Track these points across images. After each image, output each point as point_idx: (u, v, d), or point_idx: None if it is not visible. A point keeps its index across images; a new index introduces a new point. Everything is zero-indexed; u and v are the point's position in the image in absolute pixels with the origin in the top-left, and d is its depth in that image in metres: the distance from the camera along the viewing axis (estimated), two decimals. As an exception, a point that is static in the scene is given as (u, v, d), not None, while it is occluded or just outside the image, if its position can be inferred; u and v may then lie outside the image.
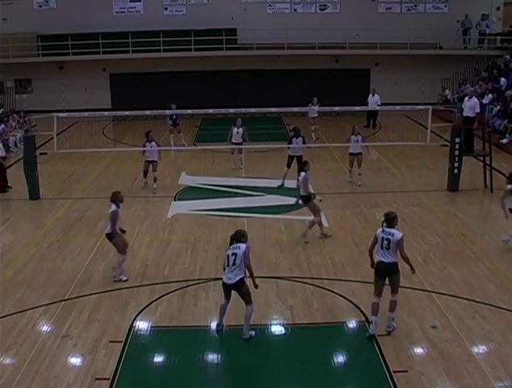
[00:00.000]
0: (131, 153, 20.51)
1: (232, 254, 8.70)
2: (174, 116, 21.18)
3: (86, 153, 19.93)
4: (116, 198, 10.68)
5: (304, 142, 16.86)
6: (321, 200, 14.09)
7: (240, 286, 8.75)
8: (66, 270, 11.46)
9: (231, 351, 8.90)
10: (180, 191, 16.66)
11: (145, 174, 16.72)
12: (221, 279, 9.03)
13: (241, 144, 18.46)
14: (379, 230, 8.91)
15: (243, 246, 8.75)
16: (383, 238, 8.81)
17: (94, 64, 29.27)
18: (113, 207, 10.58)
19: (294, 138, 16.73)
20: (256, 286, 8.88)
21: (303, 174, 12.77)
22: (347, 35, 28.17)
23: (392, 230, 8.83)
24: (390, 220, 8.91)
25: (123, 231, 11.20)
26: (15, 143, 22.16)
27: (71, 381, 7.94)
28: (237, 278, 8.68)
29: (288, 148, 16.84)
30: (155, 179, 16.46)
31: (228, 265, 8.71)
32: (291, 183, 16.36)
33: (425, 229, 13.35)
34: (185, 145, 21.13)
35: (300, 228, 13.59)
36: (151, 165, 16.51)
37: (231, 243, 8.88)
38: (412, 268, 8.97)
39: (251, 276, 8.82)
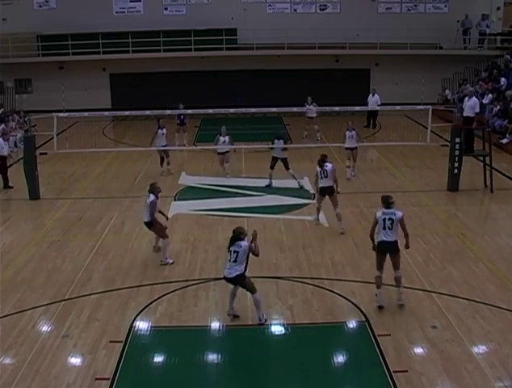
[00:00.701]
0: (131, 153, 20.53)
1: (234, 251, 9.11)
2: (182, 116, 21.05)
3: (86, 153, 19.93)
4: (154, 189, 11.51)
5: (285, 143, 16.93)
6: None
7: (240, 280, 9.18)
8: (66, 270, 11.46)
9: (231, 351, 8.90)
10: (180, 191, 16.66)
11: (162, 161, 18.07)
12: (221, 279, 9.18)
13: (227, 152, 17.84)
14: (379, 213, 9.62)
15: (244, 244, 9.12)
16: (385, 218, 9.53)
17: (94, 64, 29.26)
18: (151, 197, 11.40)
19: (276, 140, 16.69)
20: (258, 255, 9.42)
21: (330, 165, 13.09)
22: (347, 35, 28.16)
23: (393, 210, 9.66)
24: (389, 203, 9.71)
25: (166, 217, 12.23)
26: (15, 143, 22.15)
27: (71, 381, 7.94)
28: (236, 273, 9.10)
29: (272, 149, 16.82)
30: (168, 163, 18.03)
31: (229, 261, 9.16)
32: (283, 183, 16.44)
33: (425, 229, 13.35)
34: (185, 145, 21.12)
35: (300, 228, 13.62)
36: (163, 152, 17.95)
37: (231, 244, 9.15)
38: (407, 244, 9.92)
39: (256, 252, 9.30)
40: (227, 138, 17.49)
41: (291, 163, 16.83)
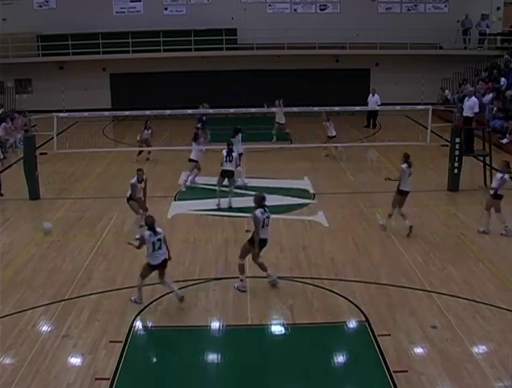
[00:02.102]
0: (131, 153, 20.51)
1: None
2: (205, 117, 20.13)
3: (86, 153, 19.93)
4: (137, 174, 13.05)
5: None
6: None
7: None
8: (66, 270, 11.46)
9: (231, 351, 8.89)
10: (180, 191, 16.65)
11: (140, 153, 19.54)
12: (221, 279, 9.51)
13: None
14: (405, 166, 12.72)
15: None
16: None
17: (94, 64, 29.28)
18: (133, 179, 13.03)
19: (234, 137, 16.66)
20: None
21: (405, 165, 13.08)
22: (347, 35, 28.17)
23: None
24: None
25: (145, 207, 13.18)
26: (15, 143, 22.13)
27: (71, 381, 7.94)
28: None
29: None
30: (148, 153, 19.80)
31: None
32: (283, 183, 16.42)
33: (425, 229, 13.35)
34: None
35: (300, 228, 13.61)
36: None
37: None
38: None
39: None
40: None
41: (290, 163, 16.81)
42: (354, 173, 18.18)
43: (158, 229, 9.89)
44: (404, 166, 12.99)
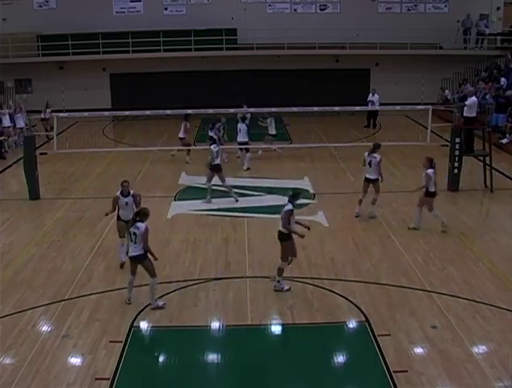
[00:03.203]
0: (131, 153, 20.53)
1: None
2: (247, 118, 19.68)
3: (86, 153, 19.94)
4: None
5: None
6: None
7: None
8: (66, 270, 11.46)
9: (231, 351, 8.89)
10: (180, 191, 16.66)
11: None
12: (221, 279, 9.14)
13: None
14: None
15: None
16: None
17: (94, 64, 29.27)
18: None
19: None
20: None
21: (431, 170, 13.26)
22: (347, 35, 28.16)
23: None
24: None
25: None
26: (15, 143, 22.11)
27: (71, 381, 7.94)
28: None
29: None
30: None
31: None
32: (283, 183, 16.42)
33: (425, 230, 13.34)
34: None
35: (300, 228, 13.56)
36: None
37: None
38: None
39: None
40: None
41: (290, 163, 16.83)
42: (354, 173, 18.15)
43: (139, 224, 9.60)
44: (430, 171, 13.13)
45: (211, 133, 17.75)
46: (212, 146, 15.31)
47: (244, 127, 18.42)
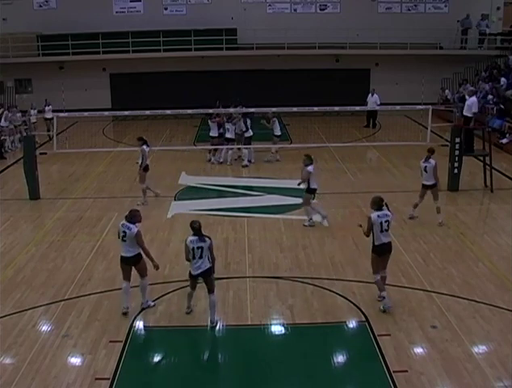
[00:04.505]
0: (131, 153, 20.49)
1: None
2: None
3: (86, 153, 19.94)
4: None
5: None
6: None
7: None
8: (66, 270, 11.46)
9: (231, 351, 8.90)
10: (180, 191, 16.66)
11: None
12: (220, 279, 8.96)
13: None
14: (374, 215, 9.50)
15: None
16: (381, 222, 9.45)
17: (94, 64, 29.27)
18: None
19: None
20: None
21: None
22: (347, 35, 28.16)
23: (385, 212, 9.61)
24: (382, 204, 9.70)
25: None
26: (13, 143, 22.10)
27: (71, 381, 7.94)
28: None
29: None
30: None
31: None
32: (283, 183, 16.44)
33: (425, 230, 13.35)
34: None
35: (300, 228, 13.60)
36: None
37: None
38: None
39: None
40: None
41: (290, 163, 16.83)
42: (354, 173, 18.19)
43: (130, 225, 9.35)
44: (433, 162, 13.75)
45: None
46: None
47: (231, 126, 18.92)
